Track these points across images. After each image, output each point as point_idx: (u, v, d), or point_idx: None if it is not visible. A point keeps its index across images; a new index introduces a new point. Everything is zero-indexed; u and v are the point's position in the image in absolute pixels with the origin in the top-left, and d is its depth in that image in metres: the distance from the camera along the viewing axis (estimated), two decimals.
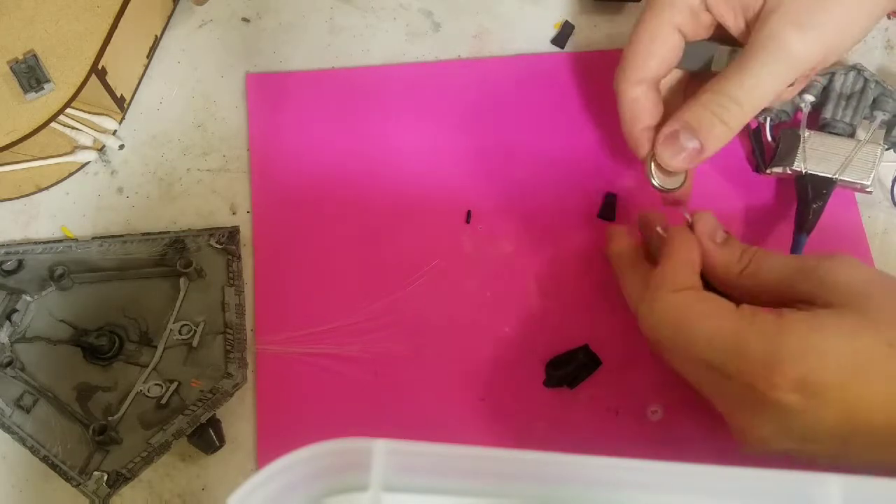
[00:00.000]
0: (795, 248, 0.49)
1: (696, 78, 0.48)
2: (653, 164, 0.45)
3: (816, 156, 0.49)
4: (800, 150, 0.49)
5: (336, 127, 0.53)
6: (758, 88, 0.42)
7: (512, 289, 0.50)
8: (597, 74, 0.54)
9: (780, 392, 0.37)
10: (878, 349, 0.37)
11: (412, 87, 0.54)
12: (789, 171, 0.50)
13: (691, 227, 0.45)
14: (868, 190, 0.50)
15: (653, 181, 0.45)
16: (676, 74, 0.48)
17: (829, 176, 0.49)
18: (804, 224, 0.49)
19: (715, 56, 0.47)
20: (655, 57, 0.45)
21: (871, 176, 0.49)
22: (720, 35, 0.46)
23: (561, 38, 0.56)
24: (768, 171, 0.51)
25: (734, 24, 0.44)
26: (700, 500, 0.29)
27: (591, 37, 0.56)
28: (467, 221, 0.51)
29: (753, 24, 0.43)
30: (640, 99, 0.46)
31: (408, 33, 0.56)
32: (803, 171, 0.49)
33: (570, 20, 0.56)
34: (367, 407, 0.47)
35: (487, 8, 0.57)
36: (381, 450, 0.29)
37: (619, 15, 0.57)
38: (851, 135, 0.50)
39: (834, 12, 0.41)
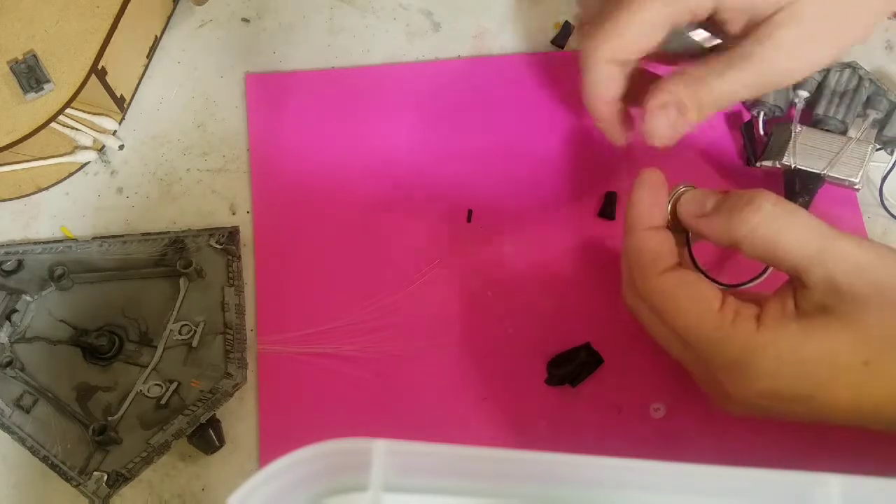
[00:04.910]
0: None
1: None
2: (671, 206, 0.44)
3: (806, 151, 0.49)
4: (790, 145, 0.49)
5: (336, 127, 0.53)
6: (732, 95, 0.43)
7: (513, 288, 0.50)
8: None
9: (748, 397, 0.39)
10: (853, 367, 0.38)
11: (412, 86, 0.54)
12: (778, 165, 0.50)
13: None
14: (857, 187, 0.50)
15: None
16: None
17: (818, 172, 0.49)
18: None
19: (688, 46, 0.47)
20: (639, 45, 0.44)
21: (860, 173, 0.49)
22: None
23: (561, 38, 0.56)
24: (758, 164, 0.51)
25: (733, 28, 0.44)
26: (700, 500, 0.29)
27: None
28: (468, 221, 0.51)
29: (753, 28, 0.43)
30: (611, 77, 0.45)
31: (408, 33, 0.56)
32: (792, 166, 0.49)
33: (570, 20, 0.56)
34: (367, 407, 0.47)
35: (487, 8, 0.57)
36: (381, 450, 0.29)
37: None
38: (844, 132, 0.51)
39: (830, 44, 0.43)
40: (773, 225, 0.39)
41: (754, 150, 0.52)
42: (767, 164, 0.51)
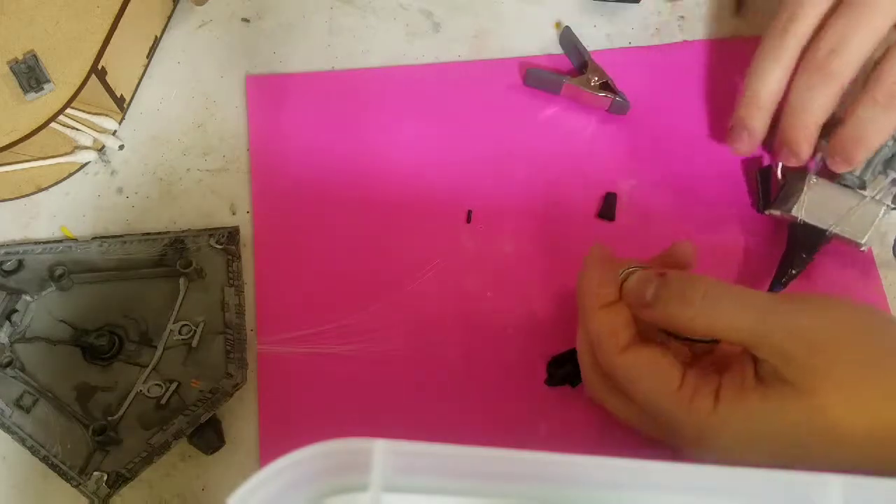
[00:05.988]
0: None
1: None
2: None
3: (816, 205, 0.48)
4: (801, 197, 0.48)
5: (336, 127, 0.53)
6: None
7: (512, 288, 0.50)
8: None
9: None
10: (814, 437, 0.37)
11: (412, 88, 0.54)
12: (786, 216, 0.49)
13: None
14: (862, 249, 0.48)
15: None
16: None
17: (823, 228, 0.48)
18: (784, 274, 0.48)
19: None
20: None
21: (867, 235, 0.47)
22: None
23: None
24: (766, 212, 0.50)
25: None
26: (700, 500, 0.29)
27: (591, 37, 0.56)
28: (468, 221, 0.51)
29: None
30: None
31: (408, 33, 0.56)
32: (799, 220, 0.48)
33: (569, 20, 0.56)
34: (367, 407, 0.47)
35: (487, 8, 0.57)
36: (382, 450, 0.29)
37: (619, 15, 0.57)
38: (862, 187, 0.48)
39: None
40: (708, 315, 0.39)
41: (766, 196, 0.51)
42: (776, 212, 0.49)
